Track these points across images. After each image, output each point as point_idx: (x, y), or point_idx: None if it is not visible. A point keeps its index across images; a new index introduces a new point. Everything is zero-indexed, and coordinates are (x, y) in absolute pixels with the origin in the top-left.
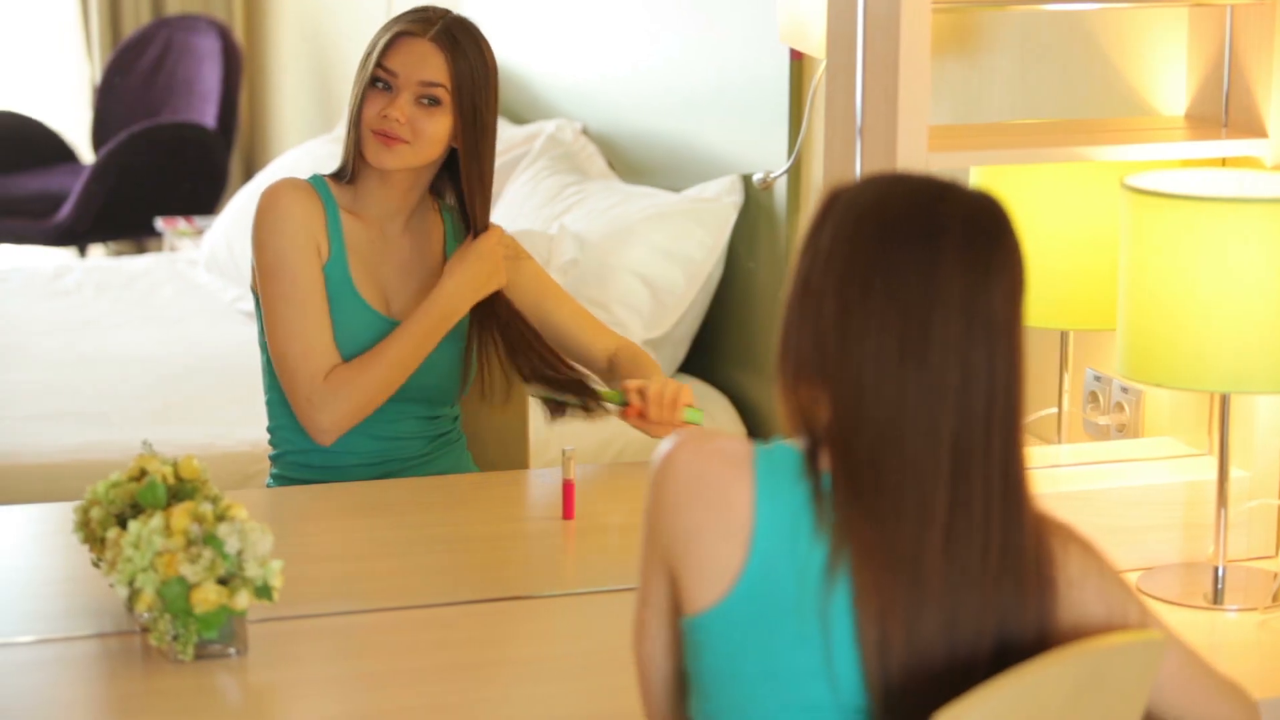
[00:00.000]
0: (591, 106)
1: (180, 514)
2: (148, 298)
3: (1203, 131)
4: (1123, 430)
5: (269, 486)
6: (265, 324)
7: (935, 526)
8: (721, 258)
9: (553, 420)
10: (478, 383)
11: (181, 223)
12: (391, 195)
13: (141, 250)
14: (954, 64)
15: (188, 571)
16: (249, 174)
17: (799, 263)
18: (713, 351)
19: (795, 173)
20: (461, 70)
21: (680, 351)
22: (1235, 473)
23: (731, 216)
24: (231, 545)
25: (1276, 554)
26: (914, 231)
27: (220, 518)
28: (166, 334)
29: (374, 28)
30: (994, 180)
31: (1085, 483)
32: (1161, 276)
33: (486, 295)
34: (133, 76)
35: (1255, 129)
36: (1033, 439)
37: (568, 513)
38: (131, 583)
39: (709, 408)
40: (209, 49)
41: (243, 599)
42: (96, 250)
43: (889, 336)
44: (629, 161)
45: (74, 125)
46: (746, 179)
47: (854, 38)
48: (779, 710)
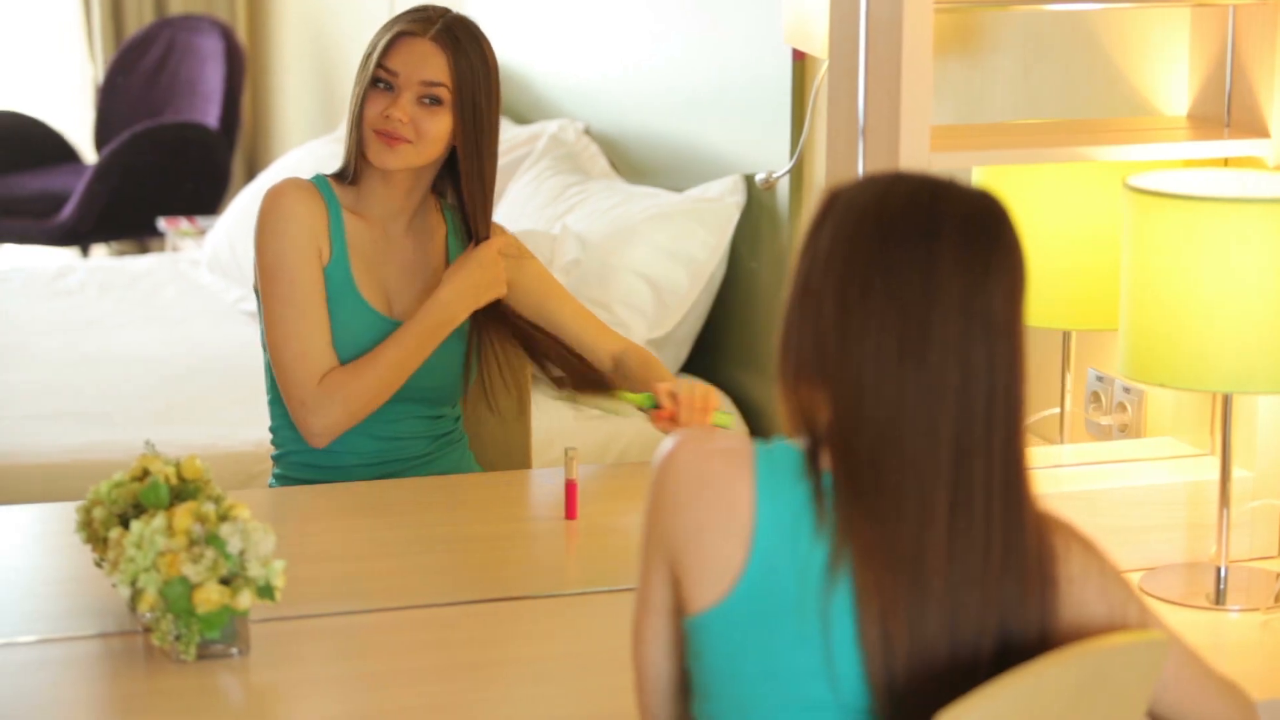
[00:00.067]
0: (594, 106)
1: (183, 514)
2: (150, 298)
3: (1205, 131)
4: (1125, 430)
5: (271, 486)
6: (264, 324)
7: (936, 526)
8: (724, 258)
9: (559, 391)
10: (480, 389)
11: (184, 223)
12: (394, 195)
13: (144, 250)
14: (956, 64)
15: (190, 571)
16: (251, 174)
17: (799, 263)
18: (715, 351)
19: (798, 173)
20: (462, 69)
21: (683, 351)
22: (1237, 473)
23: (734, 216)
24: (234, 545)
25: (1279, 554)
26: (912, 231)
27: (223, 518)
28: (169, 334)
29: (376, 28)
30: (996, 180)
31: (1087, 483)
32: (1164, 276)
33: (484, 304)
34: (135, 76)
35: (1257, 129)
36: (1035, 439)
37: (570, 513)
38: (134, 583)
39: None
40: (212, 49)
41: (245, 599)
42: (99, 250)
43: (888, 336)
44: (631, 161)
45: (76, 125)
46: (749, 179)
47: (856, 38)
48: (780, 709)
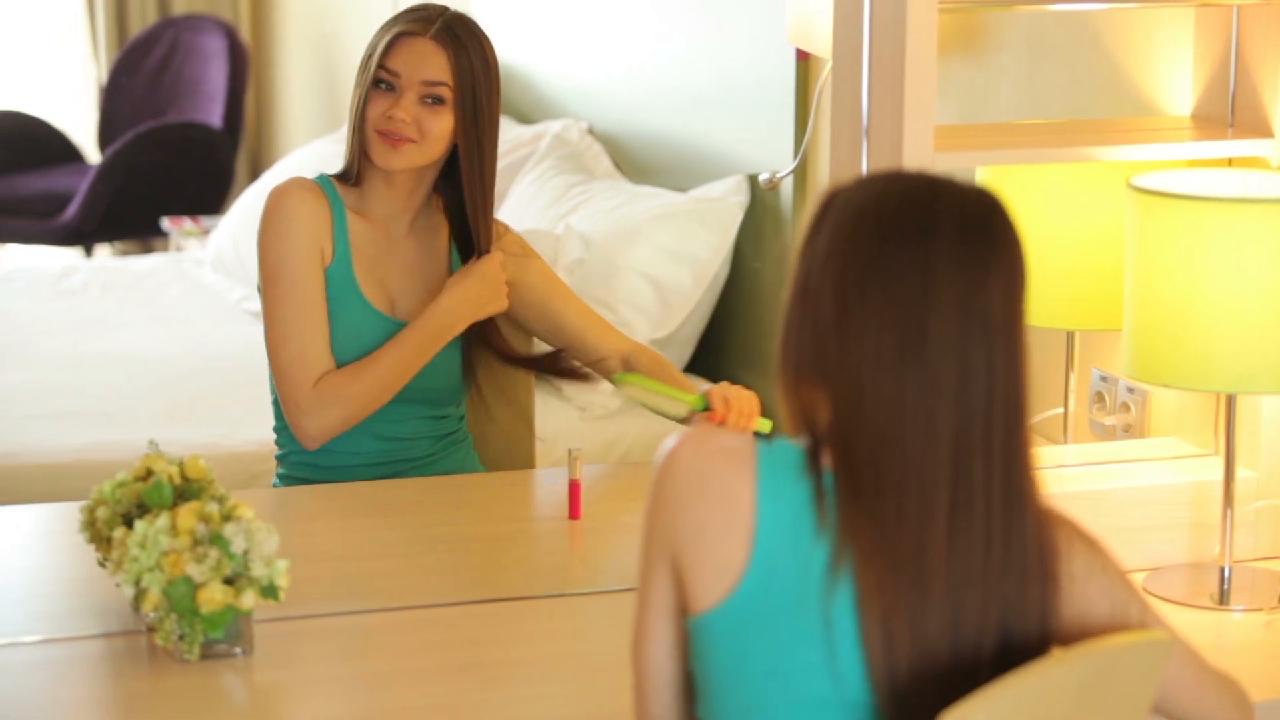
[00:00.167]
0: (597, 106)
1: (186, 514)
2: (154, 298)
3: (1209, 132)
4: (1129, 430)
5: (275, 486)
6: (264, 324)
7: (937, 524)
8: (728, 258)
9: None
10: (480, 393)
11: (187, 223)
12: (397, 196)
13: (148, 250)
14: (960, 64)
15: (194, 571)
16: (255, 174)
17: (798, 263)
18: (719, 351)
19: (801, 173)
20: (463, 67)
21: (686, 351)
22: (1241, 473)
23: (738, 217)
24: (237, 545)
25: None
26: (910, 231)
27: (226, 517)
28: (173, 334)
29: (379, 27)
30: (1000, 180)
31: (1091, 483)
32: (1168, 277)
33: (484, 317)
34: (139, 76)
35: (1261, 129)
36: (1038, 439)
37: (573, 513)
38: (137, 582)
39: None
40: (215, 49)
41: (248, 599)
42: (102, 250)
43: (887, 336)
44: (635, 161)
45: (80, 125)
46: (752, 179)
47: (860, 38)
48: (785, 707)
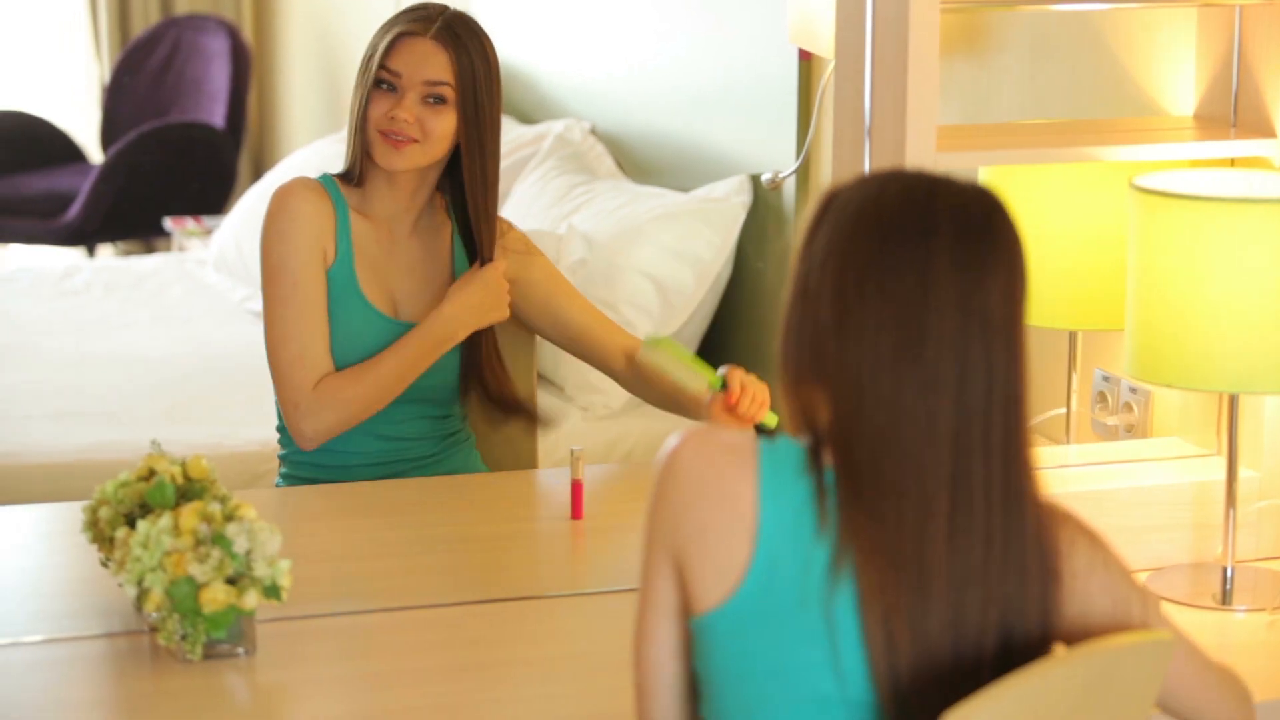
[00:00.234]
0: (600, 106)
1: (189, 514)
2: (156, 298)
3: (1211, 132)
4: (1131, 430)
5: (278, 486)
6: (264, 324)
7: (937, 522)
8: (730, 258)
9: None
10: (483, 395)
11: (190, 222)
12: (399, 196)
13: (150, 250)
14: (963, 64)
15: (196, 571)
16: (257, 174)
17: (797, 264)
18: (721, 351)
19: (804, 173)
20: (464, 66)
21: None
22: (1244, 473)
23: (740, 216)
24: (240, 545)
25: None
26: (909, 230)
27: (229, 517)
28: (175, 334)
29: None
30: (1002, 180)
31: (1094, 483)
32: (1170, 277)
33: (485, 325)
34: (141, 76)
35: (1264, 129)
36: (1041, 439)
37: (576, 513)
38: (140, 582)
39: None
40: (218, 49)
41: (251, 599)
42: (105, 250)
43: (885, 335)
44: (637, 161)
45: (82, 125)
46: (755, 179)
47: (862, 38)
48: (789, 706)
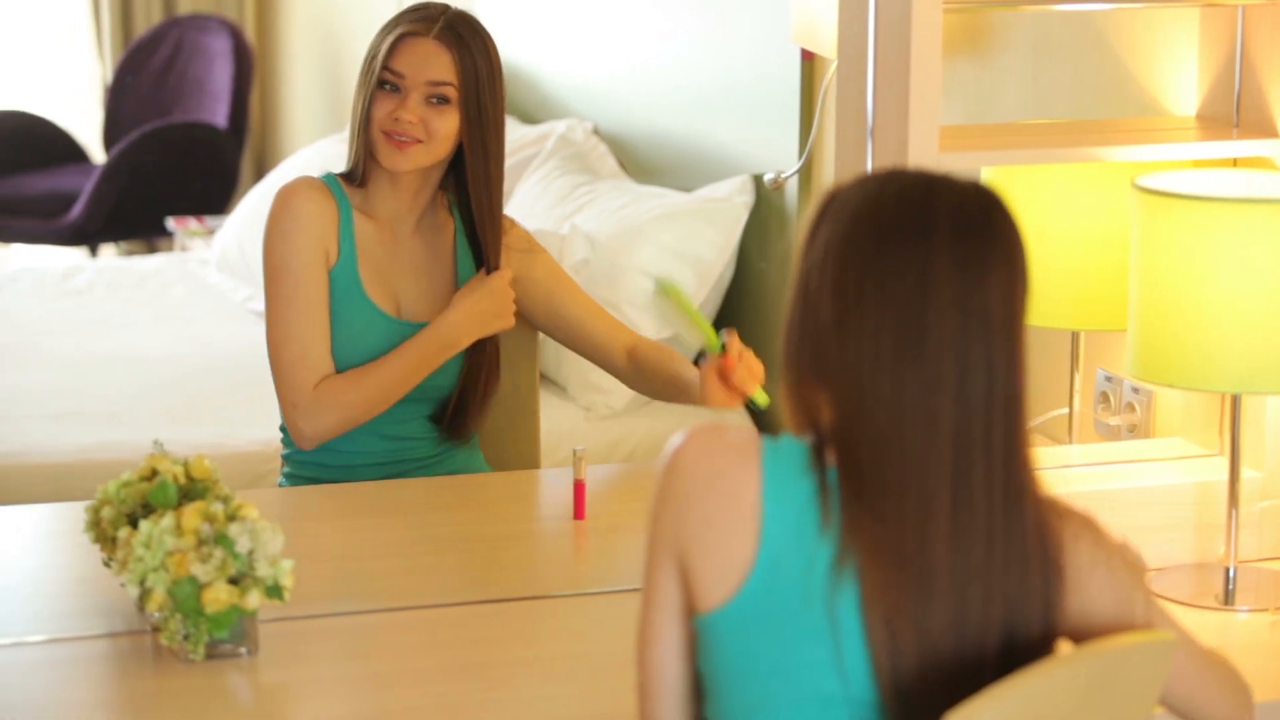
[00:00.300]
0: (602, 106)
1: (191, 513)
2: (159, 298)
3: (1214, 132)
4: (1134, 431)
5: (281, 485)
6: (266, 323)
7: (939, 521)
8: (733, 258)
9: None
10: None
11: (193, 222)
12: (402, 196)
13: (153, 250)
14: (965, 64)
15: (199, 571)
16: (260, 174)
17: (798, 265)
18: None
19: (806, 173)
20: (467, 66)
21: (691, 352)
22: (1246, 473)
23: (743, 217)
24: (242, 545)
25: None
26: (907, 230)
27: (231, 517)
28: (178, 334)
29: None
30: (1005, 180)
31: (1096, 483)
32: (1172, 277)
33: (489, 334)
34: (144, 76)
35: (1266, 129)
36: (1044, 439)
37: (579, 513)
38: (142, 582)
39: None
40: (220, 49)
41: (254, 599)
42: (108, 250)
43: (885, 335)
44: (640, 161)
45: (85, 125)
46: (758, 179)
47: (865, 38)
48: (793, 705)
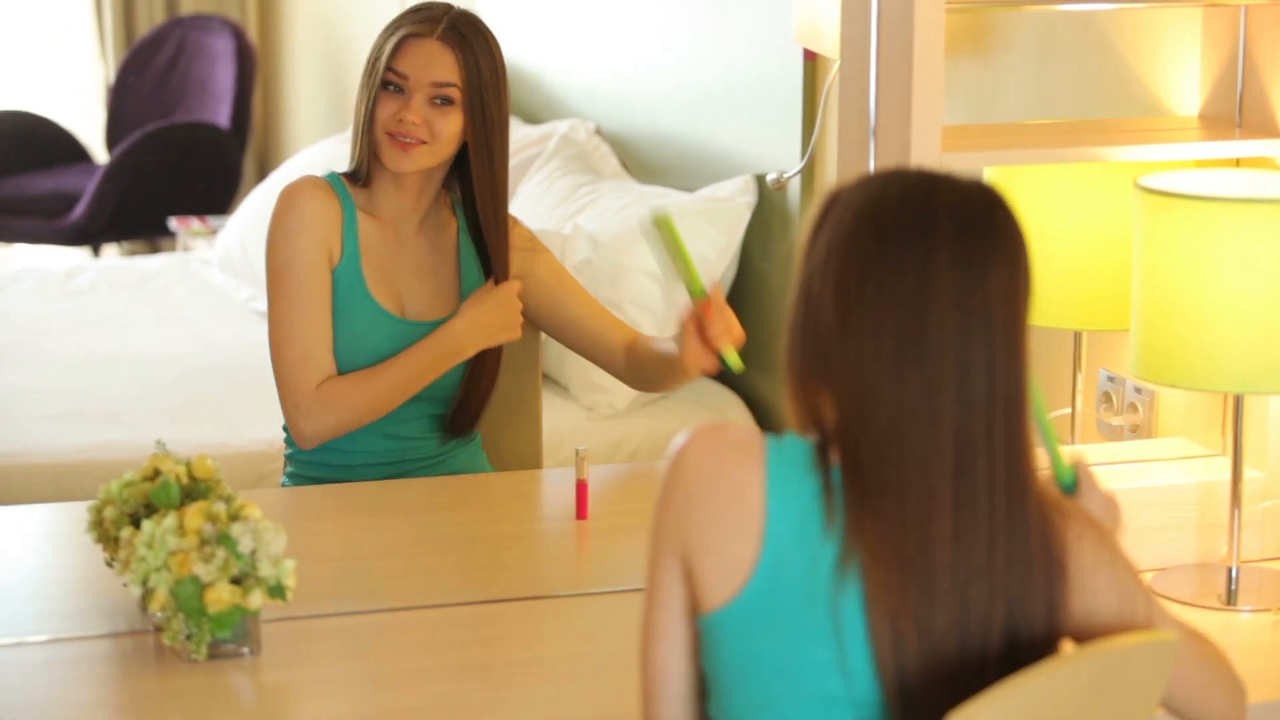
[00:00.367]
0: (605, 106)
1: (194, 513)
2: (161, 298)
3: (1216, 132)
4: (1136, 431)
5: (284, 484)
6: (269, 322)
7: (941, 520)
8: (735, 258)
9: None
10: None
11: (195, 222)
12: (406, 196)
13: (155, 250)
14: (968, 64)
15: (201, 571)
16: (263, 174)
17: (801, 266)
18: None
19: (809, 173)
20: (471, 67)
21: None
22: (1249, 473)
23: (745, 216)
24: (245, 545)
25: None
26: (908, 229)
27: (234, 517)
28: (180, 334)
29: None
30: (1007, 180)
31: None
32: (1175, 277)
33: (494, 345)
34: (147, 76)
35: (1269, 129)
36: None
37: (581, 513)
38: (145, 582)
39: (722, 408)
40: (223, 49)
41: (256, 598)
42: (110, 250)
43: (886, 335)
44: (642, 161)
45: (88, 125)
46: (760, 179)
47: (868, 38)
48: (795, 704)
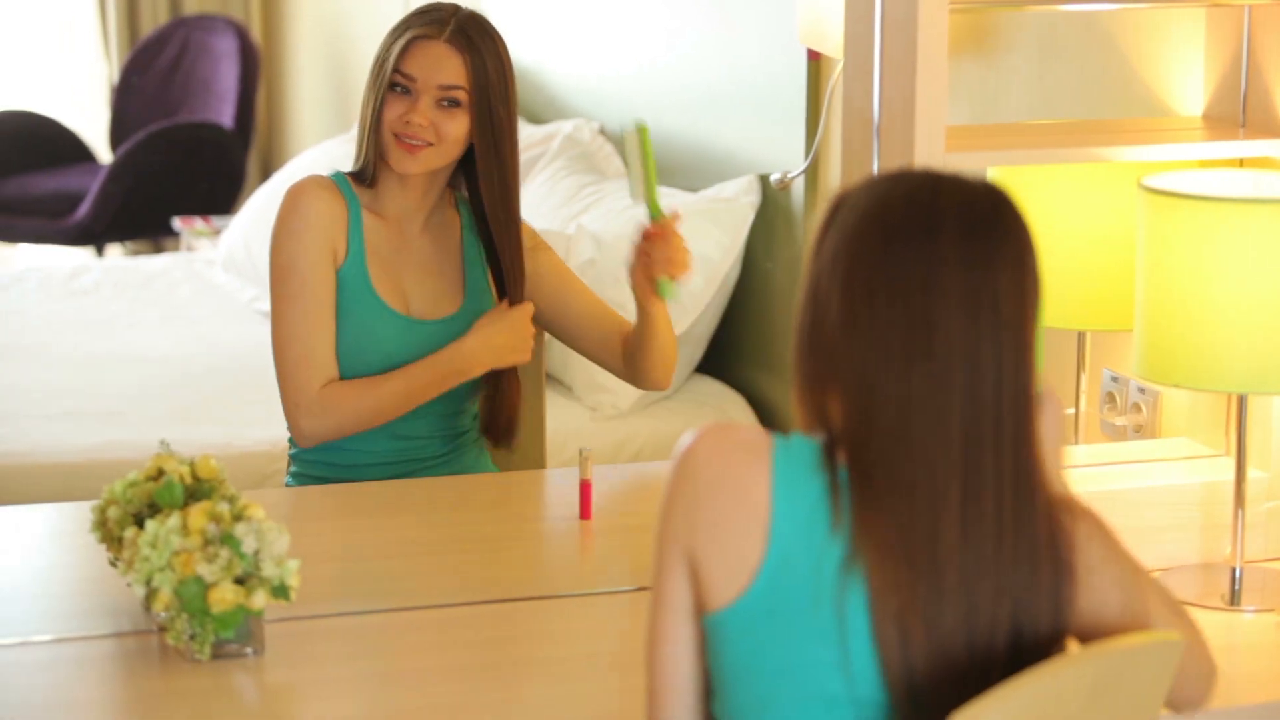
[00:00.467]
0: (608, 106)
1: (197, 513)
2: (165, 297)
3: (1220, 132)
4: (1140, 431)
5: (288, 484)
6: (271, 321)
7: (949, 518)
8: (739, 258)
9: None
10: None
11: (199, 222)
12: (411, 196)
13: (159, 250)
14: (971, 64)
15: (205, 571)
16: (266, 174)
17: (808, 268)
18: (729, 351)
19: (813, 173)
20: (478, 70)
21: (697, 351)
22: (1252, 473)
23: (749, 217)
24: (248, 545)
25: None
26: (914, 229)
27: (237, 517)
28: (184, 334)
29: (391, 27)
30: (1011, 181)
31: (1102, 483)
32: (1179, 277)
33: (504, 366)
34: (150, 76)
35: (1273, 129)
36: None
37: (585, 513)
38: (149, 582)
39: (725, 407)
40: (226, 49)
41: (259, 598)
42: (114, 250)
43: (893, 335)
44: None
45: (91, 125)
46: (764, 179)
47: (871, 38)
48: (798, 704)
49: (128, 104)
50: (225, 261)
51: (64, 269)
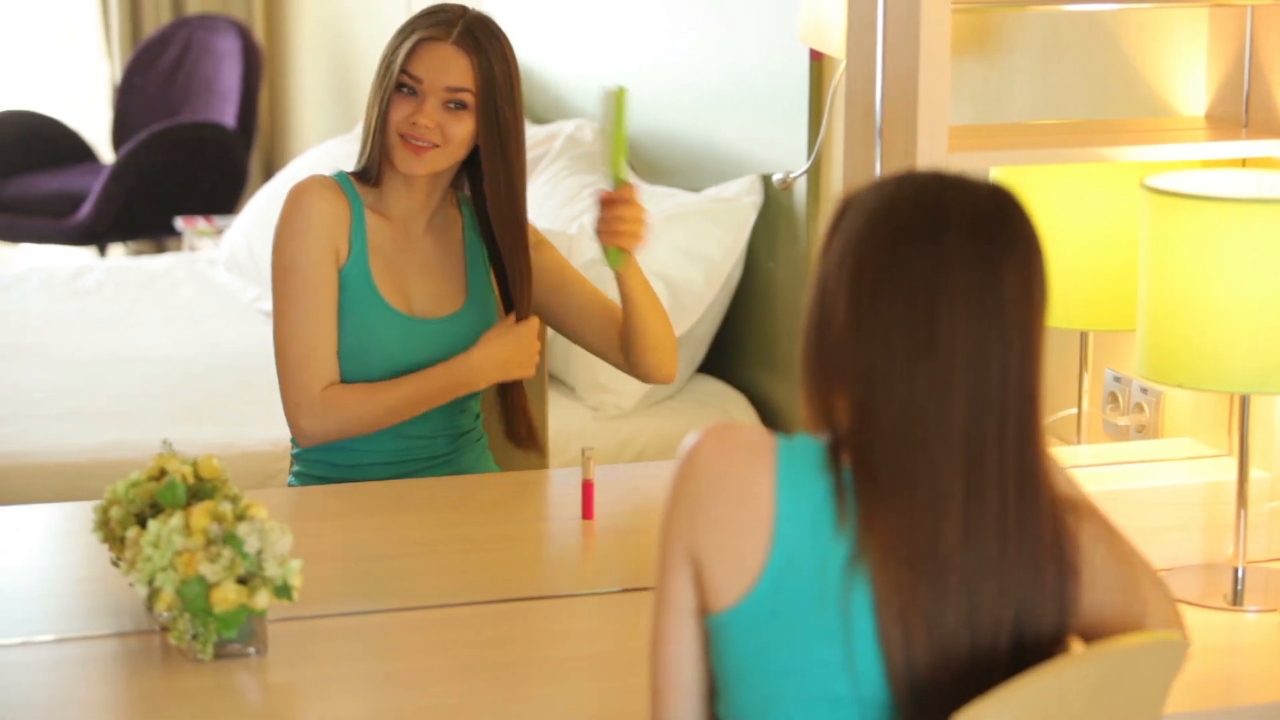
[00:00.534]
0: None
1: (200, 513)
2: (167, 297)
3: (1223, 132)
4: (1142, 431)
5: (291, 484)
6: (273, 320)
7: (952, 517)
8: (741, 258)
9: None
10: (501, 422)
11: (201, 222)
12: (416, 197)
13: (161, 250)
14: (974, 64)
15: (207, 571)
16: (269, 174)
17: (816, 269)
18: (732, 351)
19: (815, 173)
20: (485, 72)
21: (699, 351)
22: (1255, 473)
23: (751, 217)
24: (251, 544)
25: None
26: (920, 230)
27: (240, 517)
28: (186, 333)
29: (394, 28)
30: (1014, 181)
31: (1105, 483)
32: (1181, 277)
33: (509, 380)
34: (153, 76)
35: (1276, 129)
36: (1052, 439)
37: (587, 513)
38: (151, 582)
39: (728, 407)
40: (229, 48)
41: (262, 598)
42: (116, 250)
43: (899, 335)
44: (648, 161)
45: (94, 125)
46: (766, 179)
47: (874, 37)
48: (802, 704)
49: (130, 104)
50: (228, 261)
51: (66, 269)
